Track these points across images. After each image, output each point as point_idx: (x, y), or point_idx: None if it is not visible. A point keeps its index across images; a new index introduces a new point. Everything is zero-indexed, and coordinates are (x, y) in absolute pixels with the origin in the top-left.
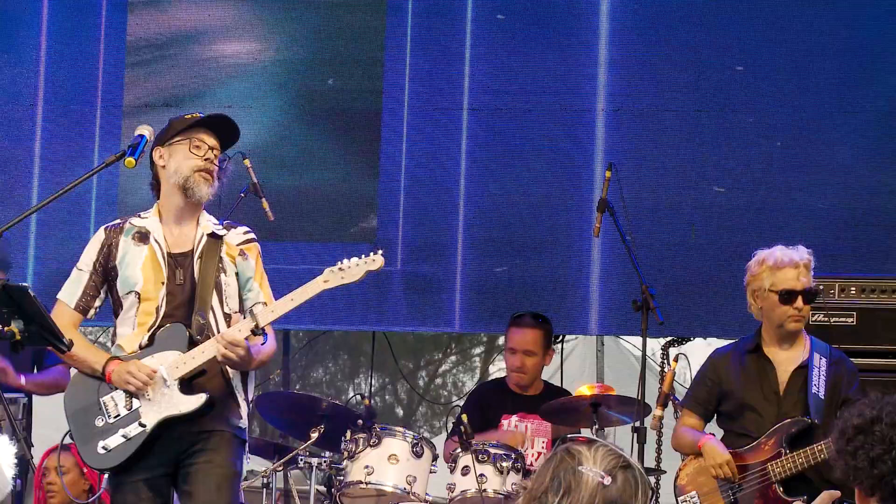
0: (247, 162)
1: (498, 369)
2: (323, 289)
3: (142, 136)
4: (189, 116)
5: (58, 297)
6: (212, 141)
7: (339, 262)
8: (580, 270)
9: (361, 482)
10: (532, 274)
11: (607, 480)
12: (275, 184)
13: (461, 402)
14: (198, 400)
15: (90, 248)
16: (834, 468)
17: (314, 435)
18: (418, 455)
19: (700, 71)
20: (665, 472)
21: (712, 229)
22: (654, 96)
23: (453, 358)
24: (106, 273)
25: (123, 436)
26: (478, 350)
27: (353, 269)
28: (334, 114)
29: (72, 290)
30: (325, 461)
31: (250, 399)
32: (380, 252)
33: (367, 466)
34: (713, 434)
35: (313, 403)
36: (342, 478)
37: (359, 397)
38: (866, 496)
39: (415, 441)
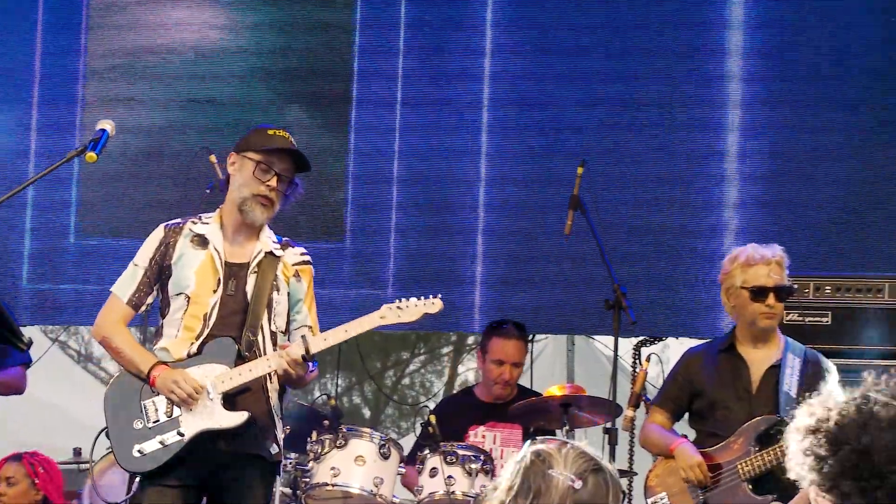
0: (212, 158)
1: (467, 369)
2: (379, 325)
3: (103, 131)
4: (271, 133)
5: (111, 290)
6: (282, 166)
7: (398, 301)
8: (551, 269)
9: (327, 484)
10: (502, 272)
11: (578, 484)
12: None
13: (430, 403)
14: (239, 417)
15: (148, 244)
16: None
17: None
18: (385, 457)
19: (673, 65)
20: (637, 473)
21: (686, 228)
22: (626, 91)
23: (421, 358)
24: (160, 271)
25: (161, 442)
26: (446, 350)
27: (411, 309)
28: (304, 106)
29: (126, 285)
30: (290, 462)
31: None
32: (439, 297)
33: (333, 468)
34: (686, 436)
35: None
36: (308, 479)
37: (325, 397)
38: (816, 498)
39: (382, 442)
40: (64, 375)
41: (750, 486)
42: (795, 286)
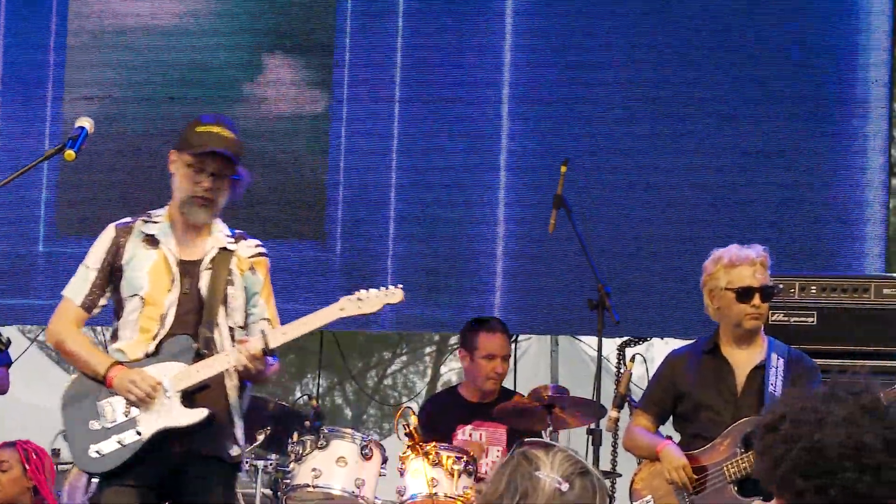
0: None
1: (449, 369)
2: (339, 317)
3: (82, 129)
4: (202, 129)
5: (63, 293)
6: (216, 165)
7: (358, 292)
8: (534, 268)
9: (308, 485)
10: (484, 272)
11: (565, 486)
12: None
13: (412, 404)
14: (198, 414)
15: (98, 245)
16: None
17: (260, 437)
18: (367, 457)
19: (658, 64)
20: (621, 475)
21: (670, 227)
22: (610, 89)
23: (403, 358)
24: (112, 272)
25: (118, 442)
26: (429, 349)
27: (371, 300)
28: (282, 103)
29: (78, 288)
30: (270, 464)
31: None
32: (400, 286)
33: (314, 469)
34: (671, 438)
35: (259, 404)
36: (288, 481)
37: (306, 398)
38: (777, 497)
39: (364, 443)
40: (41, 376)
41: (736, 488)
42: (780, 286)
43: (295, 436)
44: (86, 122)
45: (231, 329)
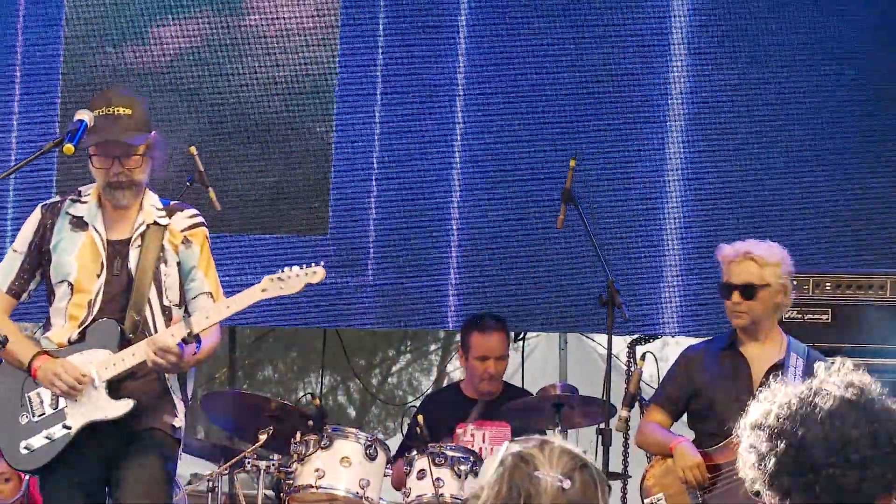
0: (192, 150)
1: (455, 368)
2: (261, 297)
3: (81, 122)
4: (98, 113)
5: None
6: (119, 149)
7: (280, 271)
8: (542, 265)
9: (312, 486)
10: (491, 268)
11: (566, 484)
12: (222, 172)
13: (417, 403)
14: (125, 406)
15: (26, 227)
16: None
17: (262, 437)
18: (372, 458)
19: (671, 55)
20: (631, 476)
21: (682, 221)
22: (622, 80)
23: (408, 356)
24: (40, 256)
25: (47, 437)
26: (434, 347)
27: (292, 279)
28: (286, 97)
29: (5, 273)
30: (273, 464)
31: (189, 398)
32: (322, 264)
33: (317, 470)
34: (684, 436)
35: (261, 403)
36: (291, 481)
37: (309, 397)
38: (764, 495)
39: (368, 443)
40: None
41: None
42: (767, 284)
43: (298, 435)
44: (85, 115)
45: (167, 308)
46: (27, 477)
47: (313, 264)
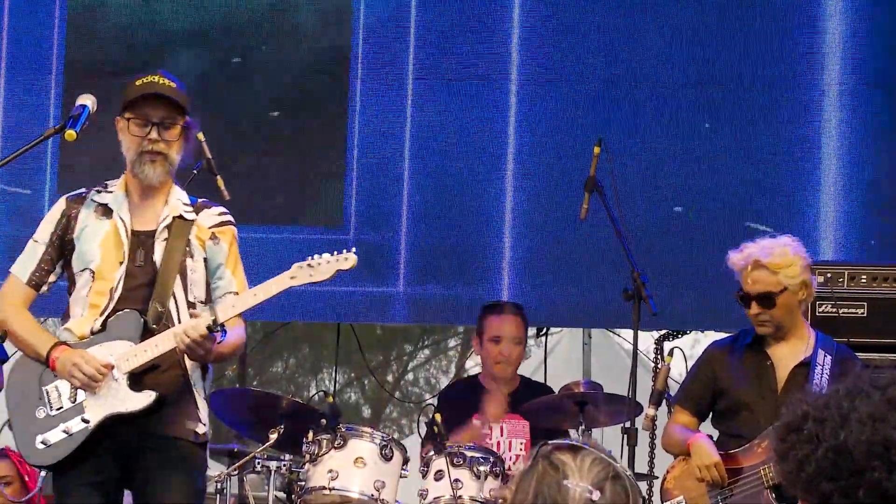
0: (200, 136)
1: (475, 364)
2: (290, 286)
3: (84, 107)
4: (139, 83)
5: (10, 270)
6: (159, 113)
7: (310, 259)
8: (565, 256)
9: (325, 488)
10: (513, 260)
11: (596, 495)
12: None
13: (434, 401)
14: (146, 398)
15: (48, 218)
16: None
17: (273, 436)
18: (387, 458)
19: (701, 44)
20: (657, 477)
21: (711, 212)
22: (649, 67)
23: (426, 352)
24: (62, 247)
25: (65, 431)
26: (453, 343)
27: (323, 266)
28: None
29: (25, 264)
30: (284, 465)
31: (207, 396)
32: (353, 250)
33: (330, 471)
34: (705, 434)
35: (272, 401)
36: (303, 483)
37: (322, 394)
38: (802, 501)
39: (384, 443)
40: None
41: (773, 494)
42: (784, 288)
43: (310, 435)
44: (87, 100)
45: (192, 304)
46: (40, 475)
47: (344, 250)
